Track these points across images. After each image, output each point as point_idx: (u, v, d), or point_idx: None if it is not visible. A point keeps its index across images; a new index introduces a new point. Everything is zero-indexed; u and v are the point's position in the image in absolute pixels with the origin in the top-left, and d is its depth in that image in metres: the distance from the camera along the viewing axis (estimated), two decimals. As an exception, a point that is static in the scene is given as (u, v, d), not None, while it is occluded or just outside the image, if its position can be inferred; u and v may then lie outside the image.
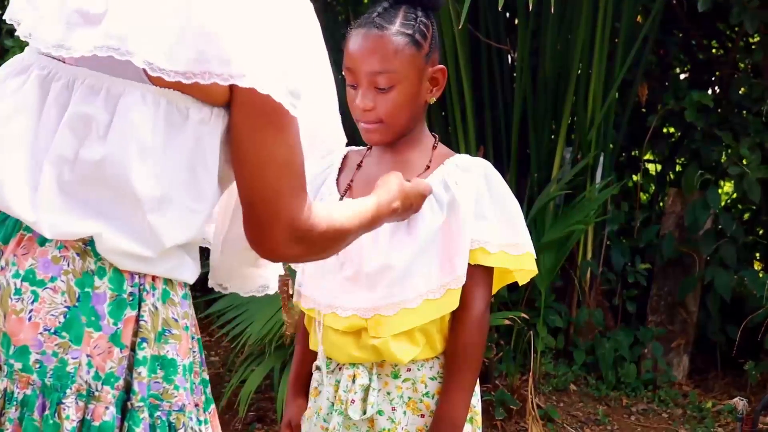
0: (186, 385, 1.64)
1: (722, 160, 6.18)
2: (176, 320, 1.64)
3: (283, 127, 1.58)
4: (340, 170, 2.40)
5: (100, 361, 1.56)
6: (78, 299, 1.56)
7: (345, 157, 2.43)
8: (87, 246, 1.58)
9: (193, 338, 1.70)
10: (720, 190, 6.41)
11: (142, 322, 1.59)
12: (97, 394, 1.56)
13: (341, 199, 2.31)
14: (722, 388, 6.07)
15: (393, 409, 2.25)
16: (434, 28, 2.29)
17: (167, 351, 1.62)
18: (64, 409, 1.54)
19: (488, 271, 2.27)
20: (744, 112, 6.31)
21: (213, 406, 1.76)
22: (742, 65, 6.79)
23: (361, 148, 2.45)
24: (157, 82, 1.56)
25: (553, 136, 5.98)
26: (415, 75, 2.23)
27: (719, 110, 6.28)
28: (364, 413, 2.24)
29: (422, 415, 2.26)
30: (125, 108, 1.56)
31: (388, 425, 2.24)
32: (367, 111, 2.23)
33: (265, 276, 1.90)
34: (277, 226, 1.62)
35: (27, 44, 1.69)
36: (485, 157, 4.76)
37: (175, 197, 1.58)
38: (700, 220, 5.90)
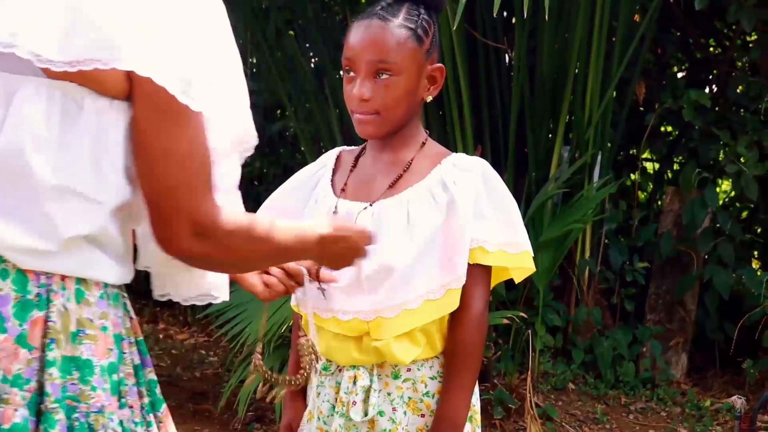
0: (105, 386, 1.60)
1: (720, 159, 6.19)
2: (91, 320, 1.60)
3: (179, 119, 1.55)
4: (334, 171, 2.39)
5: (6, 364, 1.52)
6: None
7: (338, 158, 2.42)
8: None
9: (121, 339, 1.66)
10: (718, 189, 6.41)
11: (50, 323, 1.55)
12: (5, 396, 1.52)
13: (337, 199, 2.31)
14: (721, 386, 6.08)
15: (393, 409, 2.25)
16: (436, 28, 2.29)
17: (81, 352, 1.58)
18: None
19: (486, 270, 2.27)
20: (741, 110, 6.32)
21: (164, 405, 1.74)
22: (740, 63, 6.80)
23: (354, 148, 2.44)
24: (52, 75, 1.55)
25: (550, 135, 5.98)
26: (415, 70, 2.23)
27: (717, 109, 6.29)
28: (366, 414, 2.24)
29: (422, 415, 2.26)
30: (18, 102, 1.54)
31: (389, 426, 2.24)
32: (364, 101, 2.21)
33: (206, 283, 1.83)
34: (176, 219, 1.58)
35: None
36: (483, 156, 4.77)
37: (75, 187, 1.55)
38: (698, 218, 5.91)
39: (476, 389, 2.33)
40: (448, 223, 2.21)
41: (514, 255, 2.27)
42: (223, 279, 1.85)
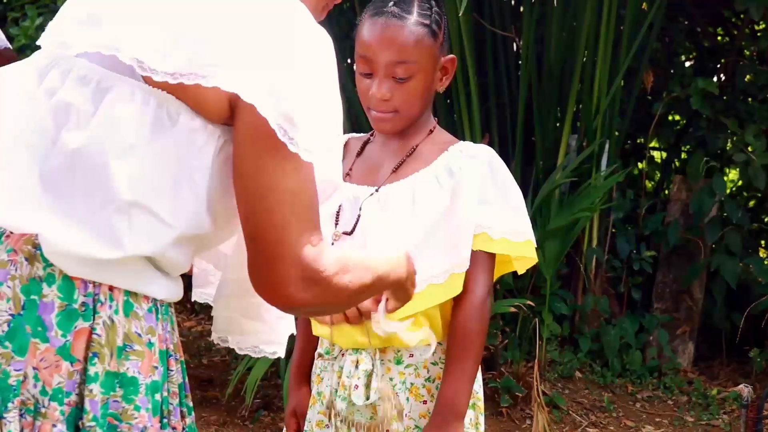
0: (148, 406, 1.51)
1: (727, 148, 6.18)
2: (139, 335, 1.51)
3: (282, 153, 1.45)
4: (342, 156, 2.39)
5: (47, 375, 1.45)
6: (23, 307, 1.45)
7: (345, 144, 2.42)
8: (36, 250, 1.47)
9: (169, 356, 1.58)
10: (725, 178, 6.41)
11: (95, 335, 1.47)
12: (43, 410, 1.45)
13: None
14: (727, 375, 6.08)
15: (395, 394, 2.25)
16: (445, 18, 2.30)
17: (127, 368, 1.49)
18: (6, 424, 1.43)
19: (490, 257, 2.28)
20: (749, 99, 6.31)
21: None
22: (748, 52, 6.79)
23: (362, 135, 2.45)
24: (150, 82, 1.49)
25: (558, 124, 5.98)
26: (431, 65, 2.24)
27: (724, 97, 6.27)
28: (368, 399, 2.24)
29: (424, 401, 2.26)
30: (111, 101, 1.48)
31: (390, 411, 2.24)
32: (384, 101, 2.22)
33: (268, 333, 1.75)
34: (282, 263, 1.47)
35: (31, 31, 1.66)
36: (490, 144, 4.76)
37: (148, 203, 1.47)
38: (706, 207, 5.90)
39: (479, 376, 2.33)
40: (453, 208, 2.21)
41: (518, 243, 2.27)
42: (284, 337, 1.76)
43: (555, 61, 5.79)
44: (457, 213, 2.21)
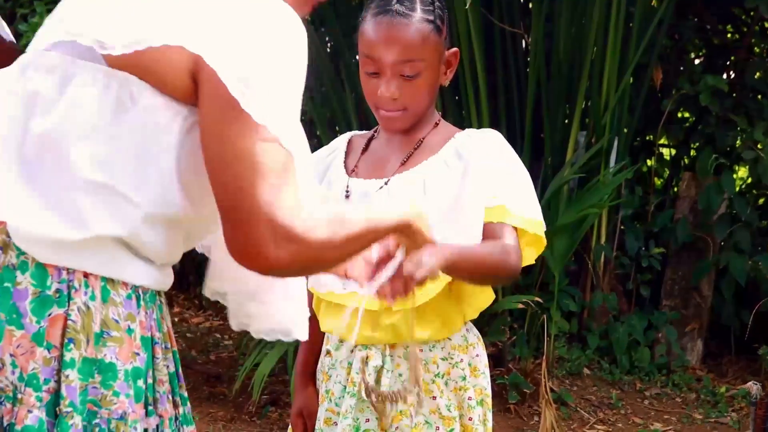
0: (129, 392, 1.52)
1: (737, 145, 6.17)
2: (117, 321, 1.51)
3: (245, 118, 1.46)
4: (346, 154, 2.39)
5: (23, 362, 1.46)
6: None
7: (349, 142, 2.42)
8: (9, 239, 1.48)
9: (154, 343, 1.58)
10: (734, 175, 6.40)
11: (70, 322, 1.47)
12: (20, 396, 1.46)
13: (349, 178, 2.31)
14: (736, 372, 6.07)
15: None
16: (446, 11, 2.29)
17: (105, 354, 1.50)
18: None
19: (512, 229, 2.20)
20: (759, 96, 6.30)
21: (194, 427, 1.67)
22: (758, 49, 6.77)
23: (365, 132, 2.44)
24: (113, 65, 1.51)
25: (567, 120, 5.98)
26: (437, 61, 2.23)
27: (734, 94, 6.26)
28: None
29: (434, 397, 2.26)
30: (74, 87, 1.51)
31: (400, 406, 2.24)
32: (393, 100, 2.22)
33: (281, 318, 1.73)
34: (254, 225, 1.46)
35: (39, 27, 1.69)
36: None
37: (112, 183, 1.48)
38: (714, 204, 5.89)
39: (487, 373, 2.33)
40: (463, 186, 2.19)
41: (530, 220, 2.23)
42: (302, 317, 1.74)
43: (564, 57, 5.78)
44: (467, 190, 2.19)
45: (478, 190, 2.19)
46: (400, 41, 2.18)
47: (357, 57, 2.25)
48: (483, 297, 2.32)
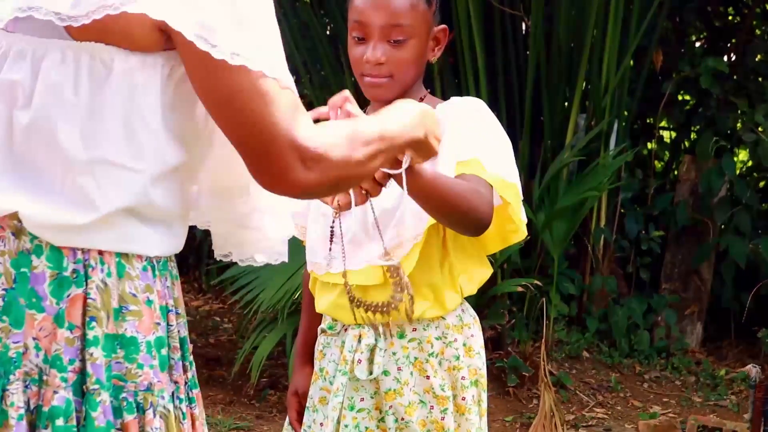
0: (153, 362, 1.54)
1: (737, 127, 6.16)
2: (135, 295, 1.53)
3: (221, 62, 1.43)
4: None
5: (47, 344, 1.48)
6: (15, 281, 1.48)
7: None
8: (22, 224, 1.48)
9: (168, 311, 1.59)
10: (735, 158, 6.39)
11: (90, 300, 1.49)
12: (45, 378, 1.47)
13: None
14: (735, 355, 6.08)
15: (399, 369, 2.24)
16: None
17: (125, 329, 1.51)
18: (9, 396, 1.46)
19: (486, 183, 2.15)
20: (760, 78, 6.28)
21: (198, 389, 1.68)
22: (759, 32, 6.75)
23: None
24: (78, 38, 1.49)
25: (566, 103, 5.96)
26: (425, 32, 2.23)
27: (735, 77, 6.25)
28: (371, 374, 2.23)
29: (428, 376, 2.25)
30: (46, 70, 1.49)
31: (393, 386, 2.23)
32: (378, 65, 2.21)
33: (265, 240, 1.76)
34: (278, 153, 1.46)
35: None
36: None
37: (109, 157, 1.48)
38: (715, 187, 5.88)
39: (483, 353, 2.31)
40: (440, 145, 2.15)
41: (506, 182, 2.19)
42: (283, 244, 1.77)
43: (564, 39, 5.76)
44: (442, 147, 2.14)
45: (452, 145, 2.15)
46: (389, 6, 2.19)
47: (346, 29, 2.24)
48: (479, 270, 2.32)
